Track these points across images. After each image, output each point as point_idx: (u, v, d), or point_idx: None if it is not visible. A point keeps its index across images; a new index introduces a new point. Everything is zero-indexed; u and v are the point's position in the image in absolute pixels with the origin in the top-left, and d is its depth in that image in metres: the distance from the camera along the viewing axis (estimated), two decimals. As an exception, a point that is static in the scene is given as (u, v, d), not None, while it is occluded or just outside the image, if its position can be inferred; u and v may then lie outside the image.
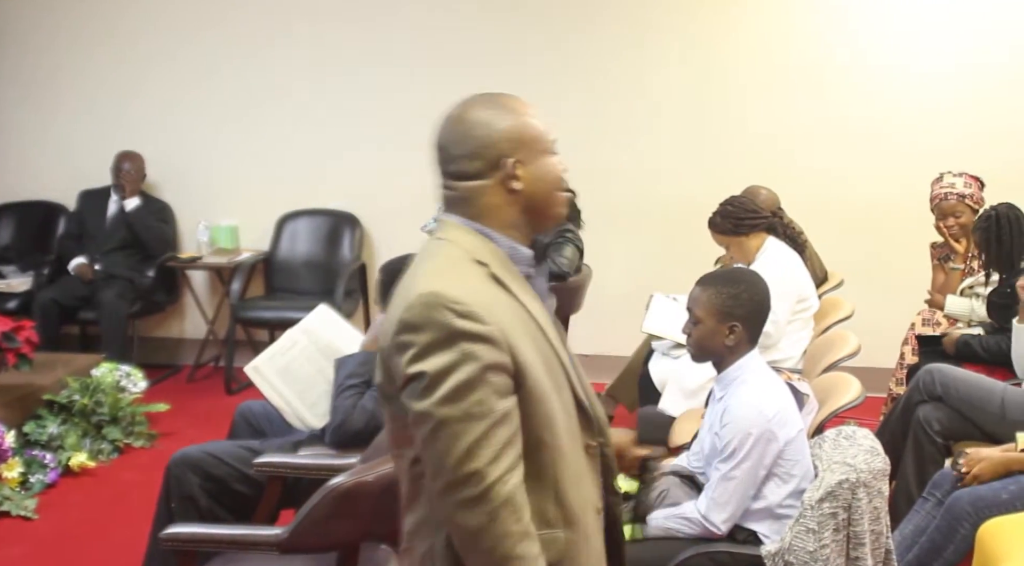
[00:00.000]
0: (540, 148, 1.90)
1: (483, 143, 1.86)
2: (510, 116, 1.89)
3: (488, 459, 1.70)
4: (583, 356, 6.11)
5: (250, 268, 6.36)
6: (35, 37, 6.73)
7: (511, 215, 1.88)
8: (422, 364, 1.72)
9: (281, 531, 2.60)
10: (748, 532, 2.93)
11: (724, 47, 6.11)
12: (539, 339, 1.85)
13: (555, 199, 1.92)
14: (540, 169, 1.89)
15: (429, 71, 6.35)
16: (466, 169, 1.88)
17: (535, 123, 1.92)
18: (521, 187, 1.87)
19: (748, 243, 4.42)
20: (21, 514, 4.38)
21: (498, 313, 1.78)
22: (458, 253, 1.84)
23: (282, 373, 3.59)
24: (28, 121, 6.82)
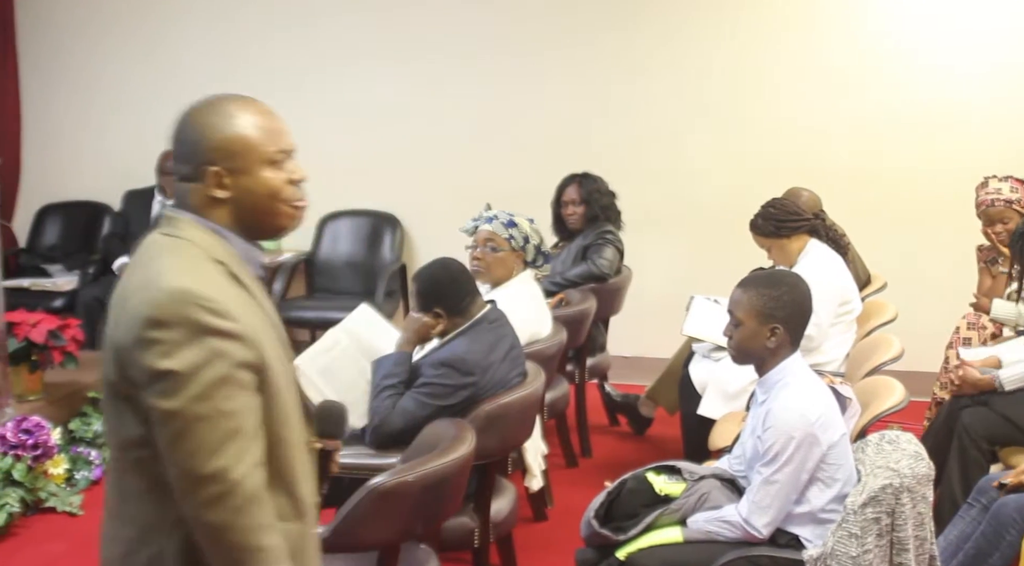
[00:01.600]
0: (254, 159, 1.87)
1: (193, 149, 1.88)
2: (226, 125, 1.87)
3: (235, 456, 1.70)
4: (623, 357, 6.19)
5: (292, 268, 6.40)
6: (80, 40, 6.82)
7: (226, 219, 1.87)
8: (171, 361, 1.69)
9: (322, 530, 2.61)
10: (790, 536, 2.91)
11: (765, 47, 6.07)
12: (274, 338, 1.86)
13: (271, 211, 1.89)
14: (251, 181, 1.86)
15: (468, 72, 6.37)
16: (180, 170, 1.91)
17: (253, 134, 1.87)
18: (225, 196, 1.85)
19: (790, 245, 4.39)
20: (66, 510, 4.43)
21: (243, 311, 1.78)
22: (197, 251, 1.82)
23: (324, 372, 3.59)
24: (74, 123, 6.91)
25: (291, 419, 1.85)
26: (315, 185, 6.67)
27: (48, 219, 6.94)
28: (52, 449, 4.52)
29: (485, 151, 6.39)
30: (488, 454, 3.24)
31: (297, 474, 1.86)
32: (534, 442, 4.06)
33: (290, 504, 1.84)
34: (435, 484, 2.65)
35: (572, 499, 4.43)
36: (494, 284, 4.19)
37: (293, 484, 1.85)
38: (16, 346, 4.70)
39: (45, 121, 6.93)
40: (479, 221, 4.29)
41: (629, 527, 2.97)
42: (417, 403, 3.30)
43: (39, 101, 6.90)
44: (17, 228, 6.92)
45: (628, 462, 4.44)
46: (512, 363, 3.47)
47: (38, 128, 6.93)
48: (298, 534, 1.85)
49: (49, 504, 4.42)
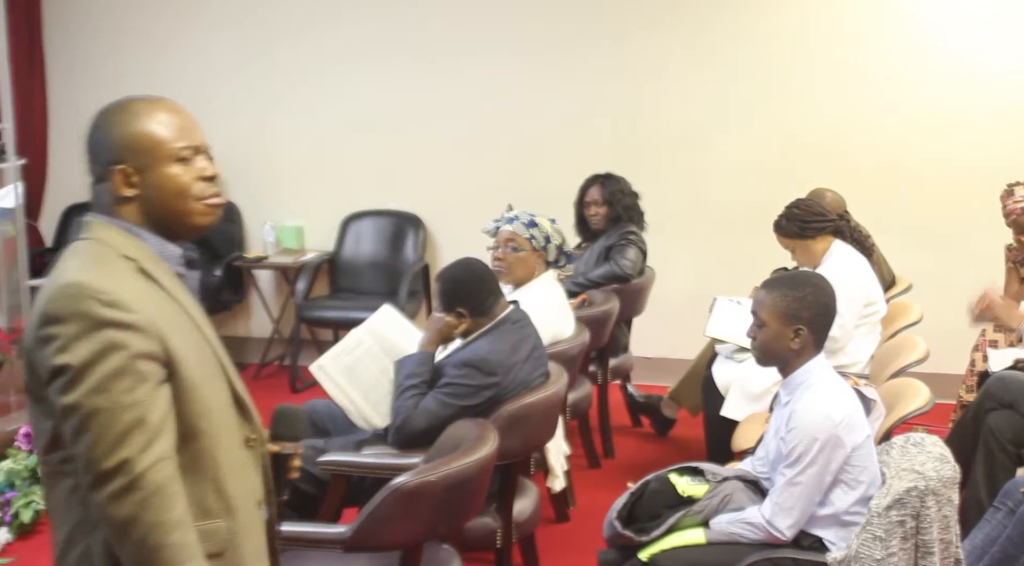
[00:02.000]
0: (160, 156, 1.86)
1: (100, 148, 1.87)
2: (132, 122, 1.87)
3: (138, 448, 1.68)
4: (645, 358, 6.18)
5: (315, 268, 6.42)
6: (106, 41, 6.86)
7: (139, 217, 1.87)
8: (67, 356, 1.69)
9: (345, 529, 2.62)
10: (814, 538, 2.90)
11: (790, 47, 6.04)
12: (192, 332, 1.85)
13: (181, 209, 1.88)
14: (158, 178, 1.86)
15: (492, 72, 6.37)
16: (91, 170, 1.90)
17: (158, 130, 1.87)
18: (134, 194, 1.86)
19: (814, 246, 4.38)
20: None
21: (146, 303, 1.77)
22: (104, 250, 1.82)
23: (347, 372, 3.61)
24: (100, 123, 6.95)
25: (213, 412, 1.82)
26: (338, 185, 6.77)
27: (74, 219, 6.98)
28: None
29: (508, 151, 6.39)
30: (511, 454, 3.25)
31: (223, 469, 1.83)
32: (556, 443, 4.06)
33: (216, 499, 1.82)
34: (458, 484, 2.65)
35: (594, 500, 4.43)
36: (516, 284, 4.19)
37: (219, 479, 1.82)
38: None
39: (71, 121, 6.95)
40: (500, 222, 4.29)
41: (652, 528, 2.97)
42: (440, 403, 3.31)
43: (65, 102, 6.95)
44: (43, 228, 6.98)
45: (651, 463, 4.44)
46: (535, 363, 3.47)
47: (64, 128, 6.98)
48: (227, 531, 1.83)
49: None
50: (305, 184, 6.74)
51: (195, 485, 1.78)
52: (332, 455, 3.28)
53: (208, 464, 1.81)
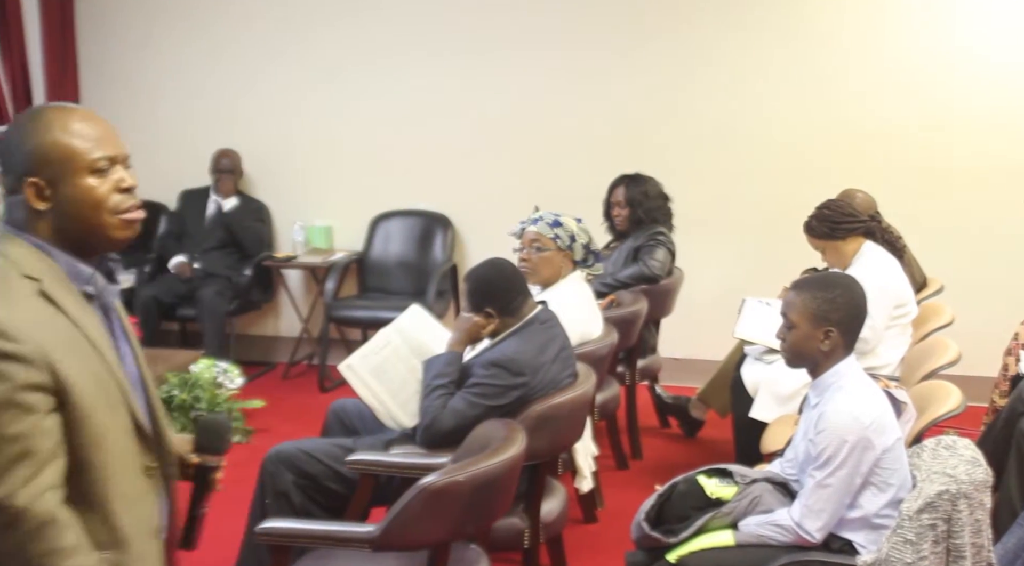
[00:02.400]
0: (71, 167, 1.79)
1: (12, 159, 1.80)
2: (44, 133, 1.79)
3: (22, 481, 1.64)
4: (674, 359, 6.17)
5: (344, 268, 6.45)
6: (138, 41, 6.91)
7: (52, 232, 1.81)
8: None
9: (373, 529, 2.62)
10: (843, 541, 2.88)
11: (818, 48, 6.00)
12: (91, 358, 1.77)
13: (97, 222, 1.82)
14: (73, 191, 1.79)
15: (521, 72, 6.37)
16: (5, 183, 1.83)
17: (69, 142, 1.80)
18: (46, 207, 1.79)
19: (844, 247, 4.35)
20: (122, 505, 4.49)
21: (39, 331, 1.70)
22: (5, 269, 1.75)
23: (375, 372, 3.62)
24: (132, 124, 6.98)
25: (106, 442, 1.77)
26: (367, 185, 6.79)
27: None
28: None
29: (537, 152, 6.39)
30: (538, 455, 3.24)
31: (112, 501, 1.78)
32: (584, 443, 4.06)
33: (105, 532, 1.77)
34: (485, 484, 2.65)
35: (622, 501, 4.42)
36: (543, 285, 4.19)
37: (108, 512, 1.77)
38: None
39: (103, 122, 7.04)
40: (526, 223, 4.30)
41: (680, 530, 2.96)
42: (468, 403, 3.31)
43: (98, 102, 7.00)
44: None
45: (679, 464, 4.42)
46: (563, 364, 3.47)
47: (96, 129, 7.03)
48: (114, 565, 1.78)
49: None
50: (334, 184, 6.76)
51: (83, 516, 1.74)
52: (360, 454, 3.29)
53: (97, 496, 1.76)
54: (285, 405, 5.83)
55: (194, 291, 6.31)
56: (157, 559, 1.92)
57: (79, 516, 1.73)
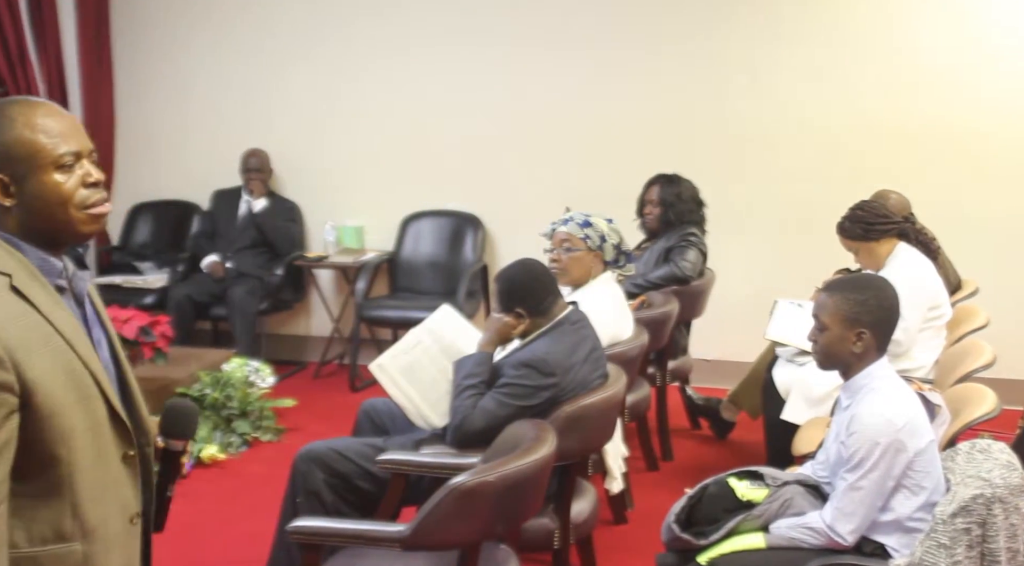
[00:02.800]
0: (37, 164, 1.78)
1: None
2: (8, 129, 1.78)
3: None
4: (705, 361, 6.14)
5: (375, 268, 6.47)
6: (172, 44, 6.96)
7: (19, 227, 1.80)
8: None
9: (404, 528, 2.63)
10: (876, 545, 2.86)
11: (852, 47, 5.97)
12: (62, 353, 1.78)
13: (64, 218, 1.81)
14: (39, 187, 1.79)
15: (553, 73, 6.37)
16: None
17: (34, 137, 1.78)
18: (12, 204, 1.79)
19: (878, 249, 4.32)
20: (155, 503, 4.52)
21: (7, 329, 1.70)
22: None
23: (406, 372, 3.63)
24: (165, 124, 7.06)
25: (75, 437, 1.78)
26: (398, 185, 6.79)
27: (140, 218, 7.10)
28: None
29: (569, 152, 6.38)
30: (569, 455, 3.24)
31: (79, 492, 1.79)
32: (615, 444, 4.05)
33: (73, 524, 1.79)
34: (516, 484, 2.65)
35: (652, 502, 4.41)
36: (574, 285, 4.19)
37: (77, 503, 1.79)
38: (108, 342, 4.81)
39: (137, 122, 7.10)
40: (556, 224, 4.29)
41: (710, 532, 2.95)
42: (498, 403, 3.31)
43: (132, 103, 7.07)
44: (110, 226, 7.10)
45: (709, 466, 4.41)
46: (593, 364, 3.46)
47: (130, 129, 7.10)
48: (83, 555, 1.80)
49: (138, 496, 4.51)
50: (365, 184, 6.79)
51: (51, 509, 1.76)
52: (391, 454, 3.29)
53: (65, 489, 1.78)
54: (316, 404, 5.86)
55: (226, 291, 6.35)
56: (133, 544, 1.94)
57: (48, 509, 1.77)
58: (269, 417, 5.41)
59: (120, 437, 1.88)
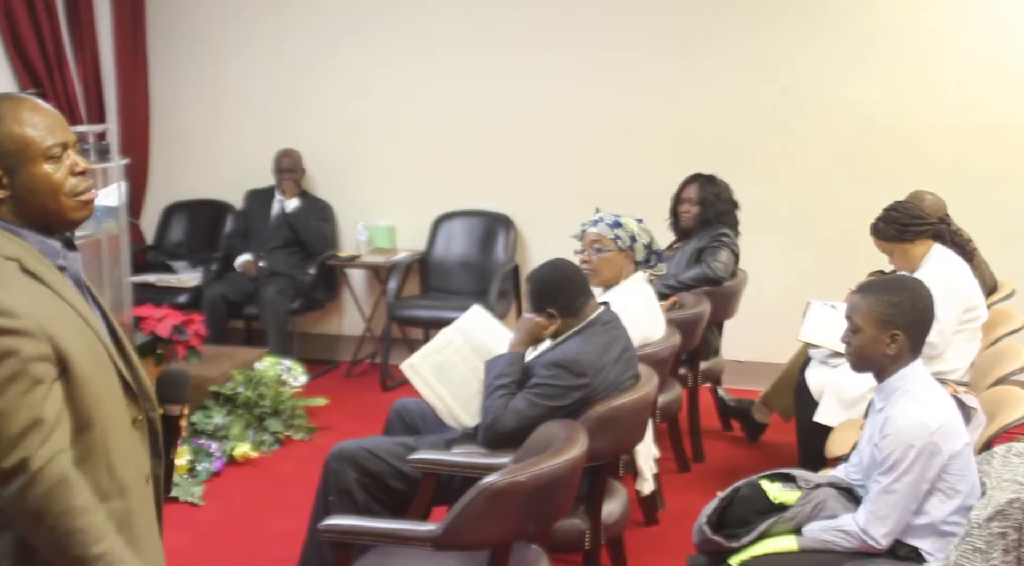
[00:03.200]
0: (28, 156, 1.89)
1: None
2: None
3: (35, 446, 1.77)
4: (737, 362, 6.11)
5: (406, 267, 6.49)
6: (205, 41, 7.01)
7: (14, 217, 1.91)
8: None
9: (435, 527, 2.64)
10: (910, 548, 2.84)
11: (888, 48, 5.92)
12: (78, 327, 1.89)
13: (52, 205, 1.92)
14: (30, 178, 1.90)
15: (583, 74, 6.37)
16: None
17: (23, 132, 1.89)
18: (4, 195, 1.89)
19: (912, 250, 4.29)
20: (188, 500, 4.56)
21: (34, 306, 1.82)
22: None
23: (437, 371, 3.64)
24: (199, 124, 7.12)
25: (104, 401, 1.91)
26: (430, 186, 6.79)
27: (174, 217, 7.16)
28: (176, 441, 4.64)
29: (600, 152, 6.37)
30: (600, 456, 3.24)
31: (114, 453, 1.92)
32: (646, 445, 4.04)
33: (110, 482, 1.90)
34: (547, 485, 2.65)
35: (684, 504, 4.40)
36: (605, 286, 4.18)
37: (111, 463, 1.91)
38: (143, 339, 4.86)
39: (172, 122, 7.16)
40: (586, 225, 4.29)
41: (742, 534, 2.93)
42: (529, 403, 3.31)
43: (166, 103, 7.13)
44: (144, 225, 7.17)
45: (741, 468, 4.40)
46: (625, 365, 3.46)
47: (165, 129, 7.16)
48: (122, 512, 1.91)
49: (172, 494, 4.55)
50: (397, 184, 6.81)
51: (91, 471, 1.87)
52: (422, 453, 3.30)
53: (100, 450, 1.89)
54: (348, 403, 5.88)
55: (258, 290, 6.39)
56: (151, 503, 2.06)
57: (87, 472, 1.86)
58: (301, 416, 5.44)
59: (130, 403, 1.99)
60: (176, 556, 4.10)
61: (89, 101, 6.72)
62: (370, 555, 2.95)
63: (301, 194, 6.70)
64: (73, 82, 6.60)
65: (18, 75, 6.24)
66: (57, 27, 6.45)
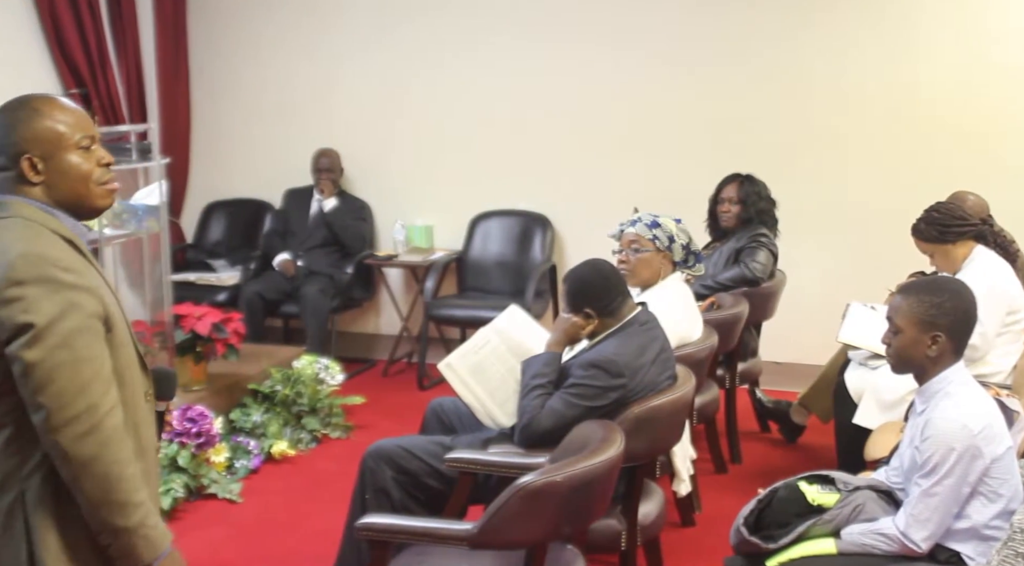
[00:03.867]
0: (61, 145, 2.06)
1: (7, 140, 2.05)
2: (35, 118, 2.06)
3: (99, 395, 1.93)
4: (775, 363, 6.07)
5: (443, 267, 6.50)
6: (244, 45, 7.06)
7: (48, 200, 2.06)
8: (31, 315, 1.90)
9: (471, 527, 2.64)
10: (951, 553, 2.81)
11: (928, 48, 5.86)
12: (112, 298, 2.07)
13: (82, 190, 2.09)
14: (60, 165, 2.06)
15: (622, 75, 6.35)
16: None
17: (56, 124, 2.06)
18: (40, 180, 2.06)
19: (954, 251, 4.24)
20: (227, 497, 4.60)
21: (83, 271, 2.01)
22: (34, 225, 2.02)
23: (474, 371, 3.64)
24: (238, 124, 7.17)
25: (132, 367, 2.09)
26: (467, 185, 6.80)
27: (213, 216, 7.22)
28: (214, 438, 4.70)
29: (638, 152, 6.35)
30: (636, 457, 3.23)
31: (139, 417, 2.10)
32: (683, 446, 4.03)
33: (135, 443, 2.05)
34: (583, 485, 2.65)
35: (721, 505, 4.38)
36: (643, 286, 4.16)
37: (137, 424, 2.08)
38: (182, 337, 4.91)
39: (212, 122, 7.22)
40: (624, 225, 4.28)
41: (780, 536, 2.91)
42: (566, 403, 3.31)
43: (206, 103, 7.19)
44: (185, 224, 7.23)
45: (779, 470, 4.37)
46: (662, 366, 3.44)
47: (205, 129, 7.22)
48: (143, 472, 2.04)
49: (211, 491, 4.59)
50: (434, 184, 6.83)
51: (126, 427, 2.01)
52: (459, 452, 3.31)
53: (130, 409, 2.06)
54: (384, 402, 5.90)
55: (298, 289, 6.43)
56: (158, 476, 2.21)
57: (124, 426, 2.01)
58: (338, 414, 5.46)
59: (143, 375, 2.16)
60: (214, 552, 4.15)
61: (131, 101, 6.79)
62: (406, 553, 2.96)
63: (339, 193, 6.74)
64: (116, 83, 6.67)
65: (63, 76, 6.32)
66: (101, 29, 6.52)
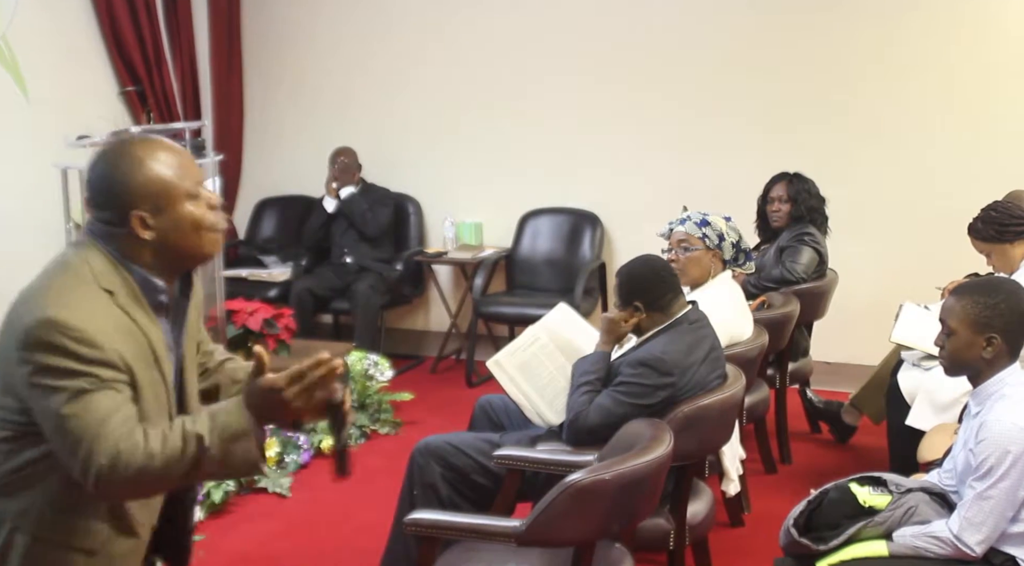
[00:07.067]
0: (172, 196, 1.99)
1: (112, 195, 1.98)
2: (138, 170, 1.97)
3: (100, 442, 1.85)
4: (826, 363, 6.02)
5: (492, 264, 6.51)
6: (296, 44, 7.12)
7: (146, 256, 2.00)
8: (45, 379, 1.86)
9: (519, 524, 2.64)
10: (1006, 557, 2.77)
11: (984, 44, 5.77)
12: (152, 365, 2.00)
13: (194, 241, 2.03)
14: (172, 217, 1.99)
15: (671, 72, 6.32)
16: (101, 215, 2.01)
17: (164, 173, 1.98)
18: (151, 236, 1.99)
19: (1012, 251, 4.18)
20: (276, 491, 4.64)
21: (118, 338, 1.92)
22: (86, 277, 1.95)
23: (522, 369, 3.65)
24: (290, 121, 7.23)
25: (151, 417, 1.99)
26: (517, 183, 6.81)
27: (265, 213, 7.28)
28: (265, 432, 4.73)
29: (687, 150, 6.33)
30: (685, 456, 3.22)
31: None
32: (732, 446, 4.00)
33: None
34: (632, 484, 2.64)
35: (770, 506, 4.35)
36: (692, 285, 4.14)
37: None
38: (234, 332, 4.96)
39: (264, 120, 7.29)
40: (673, 224, 4.26)
41: (830, 538, 2.88)
42: (614, 401, 3.30)
43: (259, 101, 7.26)
44: (237, 221, 7.30)
45: (829, 471, 4.33)
46: (712, 365, 3.42)
47: (257, 126, 7.29)
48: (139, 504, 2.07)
49: (261, 485, 4.64)
50: (484, 181, 6.84)
51: None
52: (507, 450, 3.31)
53: None
54: (433, 399, 5.92)
55: (348, 285, 6.47)
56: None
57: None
58: (387, 410, 5.49)
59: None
60: (263, 545, 4.19)
61: (185, 99, 6.88)
62: (454, 549, 2.97)
63: (359, 182, 6.73)
64: (171, 80, 6.76)
65: (119, 73, 6.42)
66: (156, 28, 6.61)
